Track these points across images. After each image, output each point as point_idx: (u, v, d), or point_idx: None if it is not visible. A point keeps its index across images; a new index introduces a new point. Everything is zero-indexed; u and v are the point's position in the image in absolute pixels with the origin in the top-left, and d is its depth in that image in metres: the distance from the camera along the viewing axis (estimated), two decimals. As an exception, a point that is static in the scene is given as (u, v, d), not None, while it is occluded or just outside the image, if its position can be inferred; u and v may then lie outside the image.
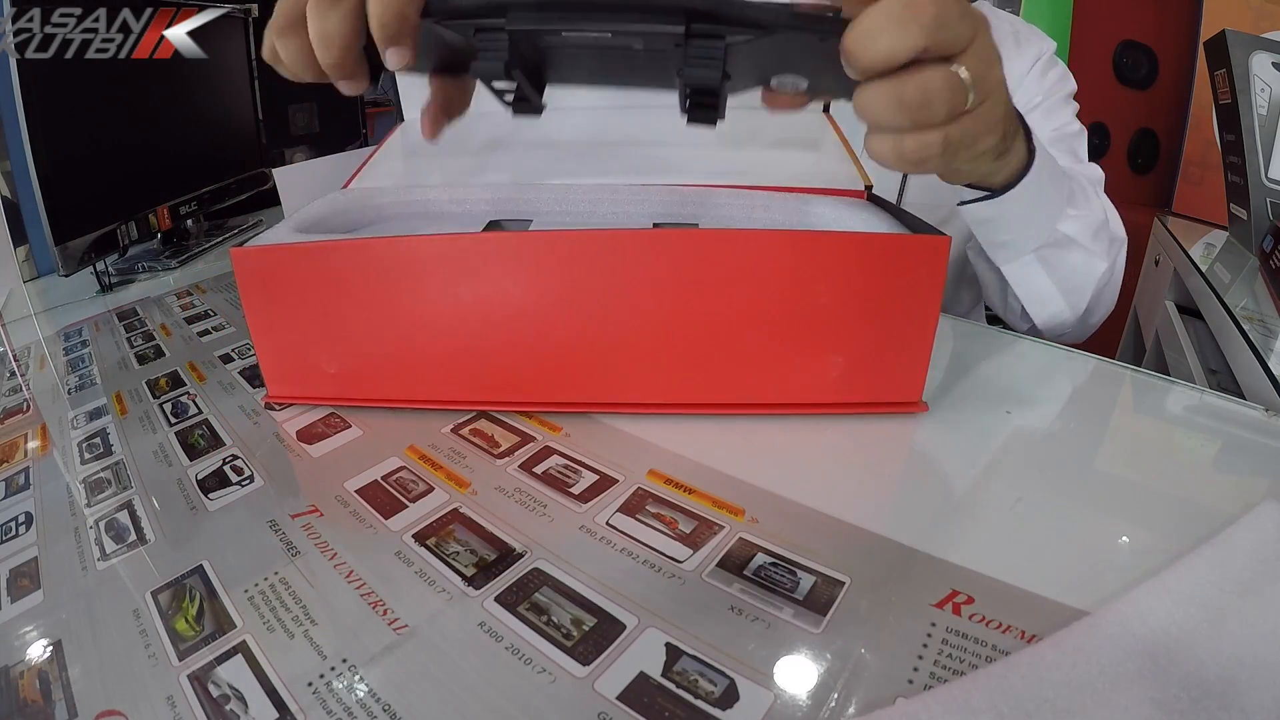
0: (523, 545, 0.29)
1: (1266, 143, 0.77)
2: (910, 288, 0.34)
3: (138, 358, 0.51)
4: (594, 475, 0.33)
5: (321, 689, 0.22)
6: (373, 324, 0.37)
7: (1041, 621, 0.24)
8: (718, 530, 0.29)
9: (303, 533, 0.30)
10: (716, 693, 0.22)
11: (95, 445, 0.39)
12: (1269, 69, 0.77)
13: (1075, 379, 0.43)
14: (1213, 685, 0.21)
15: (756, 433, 0.36)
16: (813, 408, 0.37)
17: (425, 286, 0.36)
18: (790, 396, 0.37)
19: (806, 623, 0.24)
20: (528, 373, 0.37)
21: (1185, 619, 0.23)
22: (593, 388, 0.38)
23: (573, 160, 0.48)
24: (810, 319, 0.35)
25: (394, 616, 0.25)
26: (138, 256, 0.78)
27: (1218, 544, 0.26)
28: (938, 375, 0.40)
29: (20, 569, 0.29)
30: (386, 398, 0.39)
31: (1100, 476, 0.33)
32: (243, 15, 0.90)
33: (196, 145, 0.87)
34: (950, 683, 0.21)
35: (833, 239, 0.35)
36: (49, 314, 0.65)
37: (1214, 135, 0.91)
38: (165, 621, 0.26)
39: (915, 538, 0.28)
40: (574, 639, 0.24)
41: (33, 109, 0.61)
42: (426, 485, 0.33)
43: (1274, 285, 0.62)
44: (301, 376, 0.39)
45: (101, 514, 0.32)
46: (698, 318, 0.35)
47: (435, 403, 0.39)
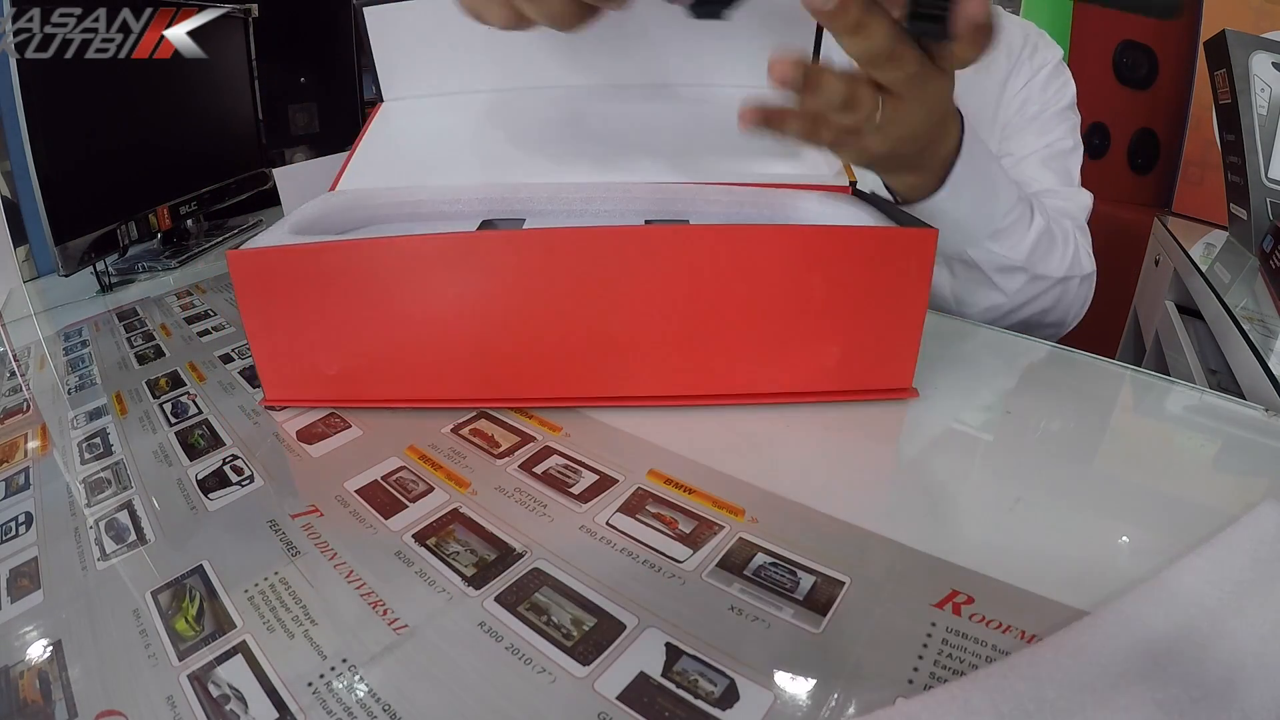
0: (523, 545, 0.29)
1: (1266, 143, 0.77)
2: (900, 278, 0.35)
3: (138, 358, 0.51)
4: (594, 475, 0.33)
5: (321, 689, 0.22)
6: (369, 324, 0.37)
7: (1041, 621, 0.24)
8: (718, 530, 0.29)
9: (303, 533, 0.30)
10: (716, 693, 0.22)
11: (95, 445, 0.39)
12: (1269, 69, 0.77)
13: (1075, 379, 0.43)
14: (1213, 685, 0.21)
15: (757, 433, 0.36)
16: (807, 396, 0.38)
17: (421, 286, 0.36)
18: (785, 386, 0.38)
19: (806, 623, 0.24)
20: (525, 369, 0.38)
21: (1185, 619, 0.23)
22: (590, 383, 0.38)
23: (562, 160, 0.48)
24: (804, 311, 0.36)
25: (394, 616, 0.25)
26: (138, 256, 0.78)
27: (1217, 544, 0.26)
28: (938, 375, 0.40)
29: (20, 569, 0.29)
30: (385, 398, 0.39)
31: (1100, 476, 0.33)
32: (243, 15, 0.90)
33: (196, 145, 0.87)
34: (950, 683, 0.21)
35: (824, 233, 0.36)
36: (49, 314, 0.65)
37: (1214, 135, 0.91)
38: (165, 621, 0.26)
39: (915, 538, 0.28)
40: (574, 639, 0.24)
41: (33, 109, 0.61)
42: (426, 485, 0.33)
43: (1274, 285, 0.62)
44: (299, 378, 0.39)
45: (101, 514, 0.32)
46: (692, 312, 0.35)
47: (434, 401, 0.39)
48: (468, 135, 0.51)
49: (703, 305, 0.35)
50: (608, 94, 0.51)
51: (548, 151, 0.49)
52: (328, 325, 0.37)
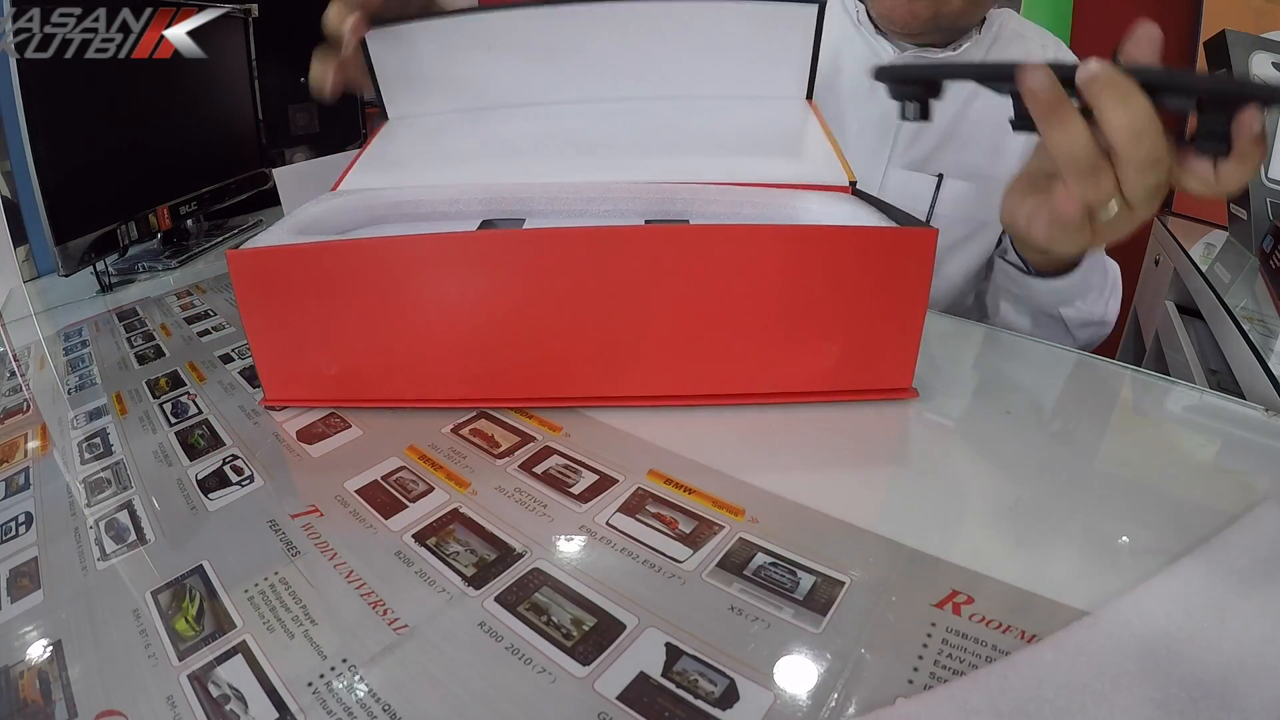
0: (523, 545, 0.29)
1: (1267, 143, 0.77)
2: (901, 278, 0.35)
3: (138, 358, 0.51)
4: (594, 475, 0.33)
5: (321, 689, 0.22)
6: (370, 324, 0.37)
7: (1041, 621, 0.24)
8: (718, 530, 0.29)
9: (303, 533, 0.30)
10: (716, 693, 0.22)
11: (95, 445, 0.39)
12: (1269, 69, 0.77)
13: (1075, 379, 0.43)
14: (1213, 685, 0.21)
15: (757, 433, 0.36)
16: (808, 396, 0.38)
17: (422, 286, 0.36)
18: (786, 386, 0.38)
19: (806, 623, 0.24)
20: (525, 369, 0.38)
21: (1185, 619, 0.23)
22: (591, 383, 0.38)
23: (561, 160, 0.49)
24: (805, 311, 0.36)
25: (394, 616, 0.25)
26: (138, 256, 0.78)
27: (1218, 544, 0.26)
28: (938, 375, 0.40)
29: (20, 569, 0.29)
30: (386, 398, 0.39)
31: (1100, 476, 0.33)
32: (243, 15, 0.90)
33: (196, 145, 0.87)
34: (950, 683, 0.21)
35: (827, 233, 0.36)
36: (49, 314, 0.65)
37: (1214, 135, 0.90)
38: (165, 621, 0.26)
39: (915, 538, 0.28)
40: (574, 639, 0.24)
41: (33, 109, 0.61)
42: (426, 485, 0.33)
43: (1274, 285, 0.62)
44: (299, 378, 0.39)
45: (101, 514, 0.32)
46: (693, 312, 0.35)
47: (435, 401, 0.39)
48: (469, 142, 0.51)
49: (704, 305, 0.35)
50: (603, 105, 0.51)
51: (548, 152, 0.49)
52: (328, 325, 0.37)
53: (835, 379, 0.37)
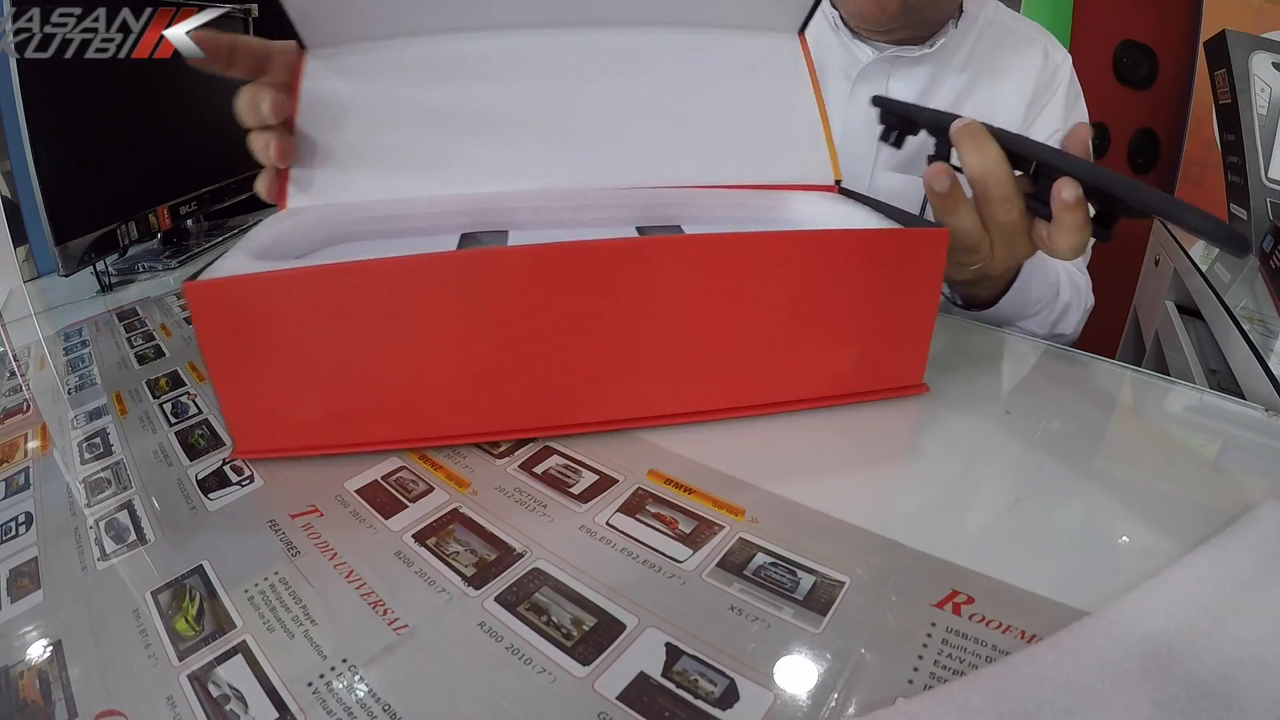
0: (523, 545, 0.29)
1: (1266, 143, 0.77)
2: (913, 278, 0.35)
3: (138, 358, 0.51)
4: (594, 475, 0.33)
5: (321, 689, 0.22)
6: (361, 359, 0.32)
7: (1041, 621, 0.24)
8: (718, 530, 0.29)
9: (303, 533, 0.30)
10: (716, 693, 0.22)
11: (95, 445, 0.39)
12: (1269, 69, 0.77)
13: (1075, 379, 0.43)
14: (1213, 685, 0.21)
15: (757, 433, 0.36)
16: (822, 401, 0.37)
17: (409, 313, 0.32)
18: (801, 393, 0.37)
19: (806, 623, 0.24)
20: (535, 398, 0.34)
21: (1185, 619, 0.23)
22: (601, 406, 0.35)
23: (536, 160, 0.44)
24: (817, 318, 0.35)
25: (394, 616, 0.25)
26: (138, 256, 0.78)
27: (1218, 544, 0.26)
28: (937, 376, 0.40)
29: (20, 569, 0.29)
30: (378, 440, 0.35)
31: (1100, 476, 0.33)
32: (243, 15, 0.90)
33: (196, 145, 0.86)
34: (950, 683, 0.21)
35: (840, 237, 0.35)
36: (49, 314, 0.65)
37: (1214, 135, 0.90)
38: (165, 621, 0.26)
39: (915, 538, 0.28)
40: (574, 639, 0.24)
41: (33, 109, 0.61)
42: (426, 485, 0.33)
43: (1274, 285, 0.62)
44: (276, 425, 0.34)
45: (101, 514, 0.32)
46: (700, 326, 0.34)
47: (432, 440, 0.35)
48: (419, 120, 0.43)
49: (711, 318, 0.34)
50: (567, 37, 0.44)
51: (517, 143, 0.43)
52: (312, 363, 0.32)
53: (851, 383, 0.37)
